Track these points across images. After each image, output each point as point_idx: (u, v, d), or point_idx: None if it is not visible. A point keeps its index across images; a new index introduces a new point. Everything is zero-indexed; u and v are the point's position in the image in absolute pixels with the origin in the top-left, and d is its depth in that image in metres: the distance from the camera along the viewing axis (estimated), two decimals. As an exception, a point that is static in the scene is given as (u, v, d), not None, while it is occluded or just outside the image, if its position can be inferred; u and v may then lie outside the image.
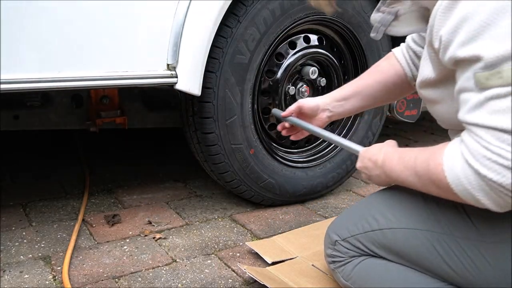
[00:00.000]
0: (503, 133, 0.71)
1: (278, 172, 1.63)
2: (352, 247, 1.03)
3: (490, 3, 0.71)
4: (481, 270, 0.86)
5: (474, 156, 0.73)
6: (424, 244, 0.91)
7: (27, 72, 1.15)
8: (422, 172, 0.84)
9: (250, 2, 1.40)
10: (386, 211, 0.99)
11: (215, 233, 1.50)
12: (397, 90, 1.20)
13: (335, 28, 1.64)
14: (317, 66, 1.66)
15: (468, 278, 0.88)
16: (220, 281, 1.24)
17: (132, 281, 1.22)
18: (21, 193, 1.75)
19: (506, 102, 0.71)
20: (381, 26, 0.98)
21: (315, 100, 1.28)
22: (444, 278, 0.93)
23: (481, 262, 0.85)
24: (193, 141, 1.56)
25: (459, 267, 0.88)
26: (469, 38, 0.73)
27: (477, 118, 0.74)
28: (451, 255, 0.88)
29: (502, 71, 0.70)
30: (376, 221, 0.99)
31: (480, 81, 0.73)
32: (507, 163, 0.70)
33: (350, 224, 1.04)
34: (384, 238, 0.98)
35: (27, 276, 1.23)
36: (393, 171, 0.93)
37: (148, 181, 1.92)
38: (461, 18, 0.74)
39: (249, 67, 1.46)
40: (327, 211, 1.70)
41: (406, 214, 0.95)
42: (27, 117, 1.63)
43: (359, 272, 1.03)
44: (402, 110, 1.85)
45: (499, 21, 0.71)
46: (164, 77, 1.32)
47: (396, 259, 0.98)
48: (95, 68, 1.23)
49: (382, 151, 0.99)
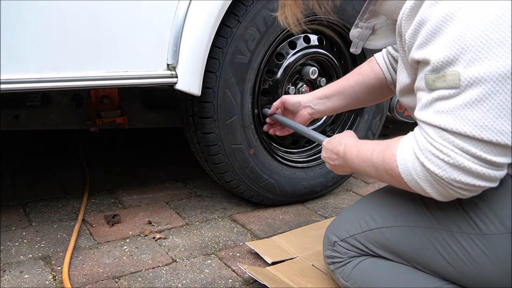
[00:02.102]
0: (445, 132, 0.78)
1: (278, 172, 1.63)
2: (351, 247, 1.03)
3: (441, 9, 0.76)
4: (478, 262, 0.87)
5: (421, 150, 0.81)
6: (422, 241, 0.93)
7: (27, 72, 1.15)
8: (378, 163, 0.91)
9: (250, 2, 1.40)
10: (383, 210, 1.00)
11: (215, 233, 1.50)
12: (377, 92, 1.27)
13: (335, 28, 1.64)
14: (317, 66, 1.66)
15: (466, 273, 0.89)
16: (220, 281, 1.24)
17: (132, 281, 1.22)
18: (21, 193, 1.75)
19: (449, 104, 0.77)
20: (360, 41, 1.08)
21: (298, 97, 1.37)
22: (443, 275, 0.93)
23: (477, 254, 0.87)
24: (193, 141, 1.56)
25: (456, 261, 0.89)
26: (423, 42, 0.79)
27: (425, 116, 0.81)
28: (449, 250, 0.89)
29: (446, 74, 0.77)
30: (374, 220, 1.00)
31: (428, 82, 0.80)
32: (447, 159, 0.77)
33: (348, 224, 1.05)
34: (382, 237, 0.98)
35: (27, 276, 1.23)
36: (353, 162, 1.00)
37: (148, 181, 1.92)
38: (418, 22, 0.80)
39: (249, 67, 1.46)
40: (327, 211, 1.70)
41: (403, 212, 0.96)
42: (27, 117, 1.63)
43: (359, 272, 1.03)
44: (402, 110, 1.86)
45: (447, 27, 0.76)
46: (164, 77, 1.32)
47: (395, 257, 0.99)
48: (95, 68, 1.23)
49: (343, 143, 1.06)
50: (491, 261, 0.85)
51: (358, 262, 1.03)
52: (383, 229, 0.98)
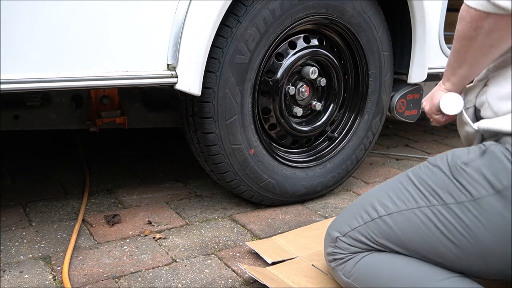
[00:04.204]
0: None
1: (278, 172, 1.63)
2: (353, 242, 1.04)
3: None
4: (474, 232, 0.90)
5: None
6: (422, 221, 0.95)
7: (27, 72, 1.15)
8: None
9: (250, 2, 1.40)
10: (383, 198, 1.02)
11: (215, 233, 1.50)
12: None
13: (335, 28, 1.64)
14: (317, 66, 1.66)
15: (466, 248, 0.91)
16: (220, 281, 1.24)
17: (132, 281, 1.22)
18: (21, 193, 1.75)
19: None
20: None
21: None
22: (446, 257, 0.94)
23: (473, 222, 0.89)
24: (193, 141, 1.56)
25: (456, 236, 0.91)
26: None
27: None
28: (447, 224, 0.92)
29: None
30: (375, 210, 1.02)
31: None
32: None
33: (349, 218, 1.06)
34: (384, 226, 1.00)
35: (27, 276, 1.23)
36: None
37: (148, 181, 1.92)
38: None
39: (249, 67, 1.46)
40: (327, 211, 1.70)
41: (402, 197, 0.99)
42: (27, 117, 1.63)
43: (361, 267, 1.03)
44: (402, 110, 1.86)
45: None
46: (164, 77, 1.32)
47: (398, 247, 0.99)
48: (95, 68, 1.23)
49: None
50: (485, 227, 0.88)
51: (360, 258, 1.03)
52: (385, 217, 1.00)
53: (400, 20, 1.74)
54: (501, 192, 0.86)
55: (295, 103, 1.66)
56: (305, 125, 1.71)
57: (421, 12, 1.68)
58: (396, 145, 2.63)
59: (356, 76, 1.77)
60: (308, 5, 1.49)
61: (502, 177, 0.87)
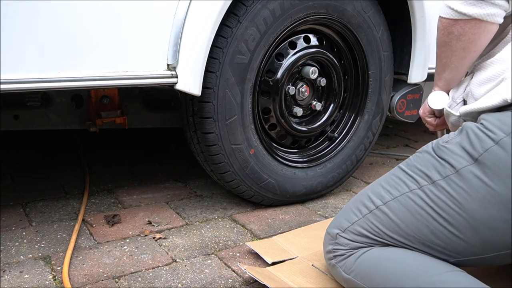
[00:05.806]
0: None
1: (278, 172, 1.63)
2: (354, 237, 1.05)
3: None
4: (462, 204, 0.94)
5: None
6: (415, 202, 0.99)
7: (27, 72, 1.15)
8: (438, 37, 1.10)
9: (250, 2, 1.40)
10: (378, 190, 1.06)
11: (215, 233, 1.50)
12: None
13: (335, 28, 1.64)
14: (317, 66, 1.66)
15: (459, 223, 0.94)
16: (220, 281, 1.24)
17: (132, 281, 1.22)
18: (21, 193, 1.75)
19: None
20: None
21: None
22: (441, 236, 0.96)
23: (460, 194, 0.94)
24: (193, 141, 1.56)
25: (447, 211, 0.95)
26: None
27: None
28: (438, 201, 0.96)
29: None
30: (372, 202, 1.05)
31: None
32: None
33: (347, 214, 1.09)
34: (382, 215, 1.03)
35: (27, 276, 1.23)
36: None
37: (148, 181, 1.92)
38: None
39: (249, 67, 1.46)
40: (327, 211, 1.70)
41: (394, 185, 1.04)
42: (27, 117, 1.63)
43: (362, 263, 1.03)
44: (402, 110, 1.86)
45: None
46: (164, 77, 1.32)
47: (397, 235, 1.01)
48: (95, 68, 1.23)
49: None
50: (471, 196, 0.93)
51: (361, 253, 1.04)
52: (382, 207, 1.03)
53: (400, 20, 1.74)
54: (478, 160, 0.93)
55: (295, 103, 1.66)
56: (305, 125, 1.71)
57: (421, 12, 1.68)
58: (396, 145, 2.63)
59: (356, 76, 1.77)
60: (308, 5, 1.49)
61: (477, 146, 0.93)
